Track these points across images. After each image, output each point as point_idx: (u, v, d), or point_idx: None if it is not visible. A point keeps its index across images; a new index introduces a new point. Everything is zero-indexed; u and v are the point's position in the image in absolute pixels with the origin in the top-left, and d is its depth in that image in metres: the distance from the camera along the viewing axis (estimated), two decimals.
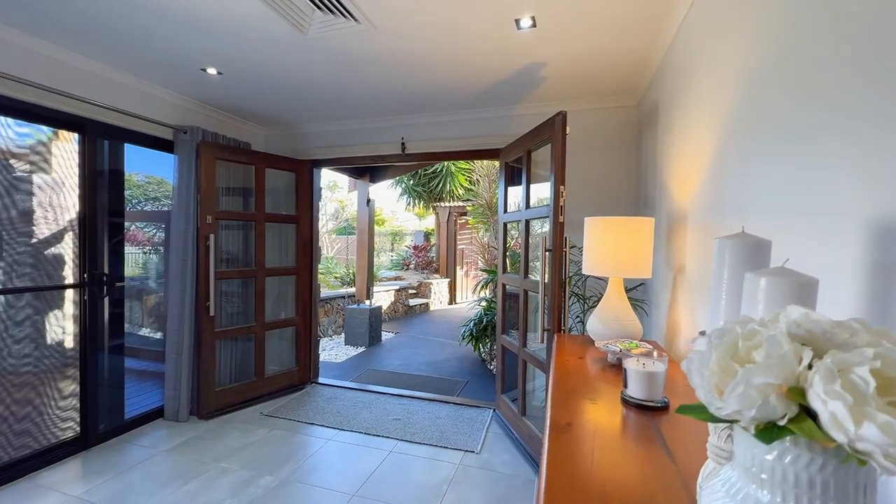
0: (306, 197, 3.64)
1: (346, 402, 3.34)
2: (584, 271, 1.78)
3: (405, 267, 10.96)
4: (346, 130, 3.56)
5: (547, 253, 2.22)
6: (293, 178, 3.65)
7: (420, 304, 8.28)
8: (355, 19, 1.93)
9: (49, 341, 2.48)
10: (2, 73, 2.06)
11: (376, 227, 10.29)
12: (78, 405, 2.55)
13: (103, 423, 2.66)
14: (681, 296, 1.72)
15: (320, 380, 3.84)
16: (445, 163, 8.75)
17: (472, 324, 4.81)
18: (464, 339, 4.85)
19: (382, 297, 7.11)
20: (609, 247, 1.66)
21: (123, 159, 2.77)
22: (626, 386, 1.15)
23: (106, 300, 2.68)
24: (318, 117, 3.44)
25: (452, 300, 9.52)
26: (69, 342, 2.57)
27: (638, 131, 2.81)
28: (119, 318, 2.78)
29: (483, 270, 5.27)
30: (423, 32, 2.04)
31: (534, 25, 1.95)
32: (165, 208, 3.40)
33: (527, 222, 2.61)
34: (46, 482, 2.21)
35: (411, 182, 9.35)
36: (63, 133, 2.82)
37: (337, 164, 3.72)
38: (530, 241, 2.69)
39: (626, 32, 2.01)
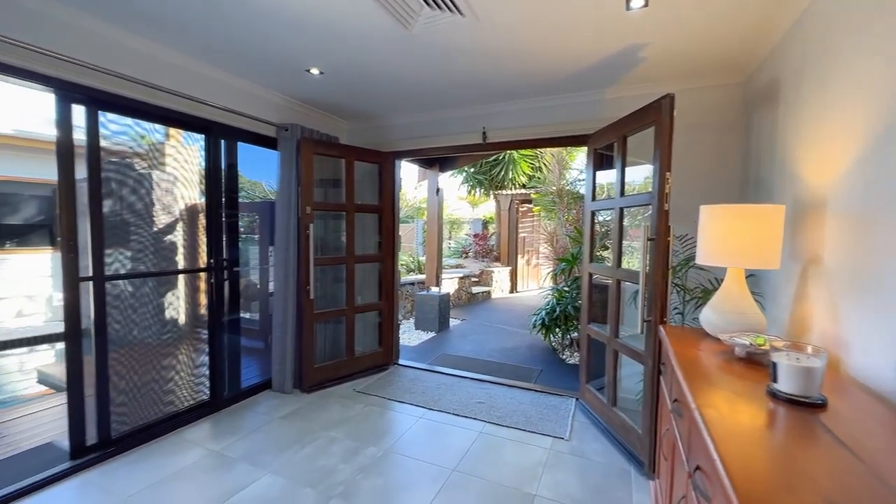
0: (389, 187, 3.80)
1: (428, 383, 3.51)
2: (699, 261, 1.72)
3: (464, 255, 11.06)
4: (426, 122, 3.65)
5: (649, 242, 2.15)
6: (374, 170, 3.82)
7: (482, 292, 8.36)
8: (461, 13, 1.97)
9: (184, 317, 2.86)
10: (146, 81, 2.36)
11: (426, 216, 10.47)
12: (208, 373, 2.93)
13: (227, 390, 3.03)
14: (813, 290, 1.60)
15: (401, 361, 4.05)
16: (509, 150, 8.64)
17: (542, 313, 4.79)
18: (534, 327, 4.85)
19: (447, 285, 7.26)
20: (730, 235, 1.59)
21: (237, 157, 3.07)
22: (774, 380, 1.11)
23: (226, 283, 3.02)
24: (400, 110, 3.56)
25: (514, 289, 9.48)
26: (199, 318, 2.94)
27: (745, 110, 2.60)
28: (235, 298, 3.13)
29: (559, 259, 5.20)
30: (524, 20, 2.04)
31: (645, 5, 1.87)
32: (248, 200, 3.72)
33: (621, 210, 2.54)
34: (190, 437, 2.58)
35: (472, 170, 9.36)
36: (175, 134, 3.19)
37: (417, 155, 3.84)
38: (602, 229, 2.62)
39: (744, 5, 1.87)
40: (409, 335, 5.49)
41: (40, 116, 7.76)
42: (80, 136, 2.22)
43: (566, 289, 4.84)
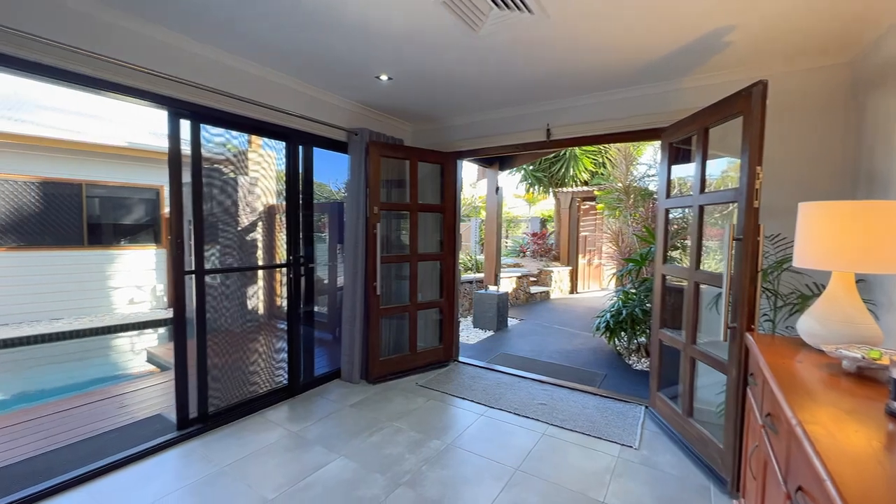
0: (451, 187, 3.87)
1: (488, 381, 3.52)
2: (797, 264, 1.56)
3: (521, 254, 10.91)
4: (488, 121, 3.66)
5: (734, 242, 1.99)
6: (436, 170, 3.90)
7: (540, 292, 8.19)
8: (529, 10, 1.96)
9: (266, 308, 3.14)
10: (237, 95, 2.62)
11: (484, 215, 10.43)
12: (286, 360, 3.19)
13: (302, 377, 3.28)
14: None
15: (460, 358, 4.11)
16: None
17: (607, 315, 4.59)
18: (598, 330, 4.67)
19: (504, 284, 7.21)
20: (840, 236, 1.42)
21: (313, 161, 3.30)
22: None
23: (302, 279, 3.26)
24: (463, 110, 3.60)
25: (574, 289, 9.18)
26: (279, 310, 3.21)
27: (852, 95, 2.30)
28: (310, 292, 3.37)
29: (626, 260, 4.96)
30: (597, 11, 1.97)
31: None
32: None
33: (700, 208, 2.37)
34: (272, 418, 2.83)
35: (531, 168, 9.19)
36: (256, 141, 3.48)
37: (479, 154, 3.86)
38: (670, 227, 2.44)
39: None
40: (468, 333, 5.54)
41: (144, 129, 8.88)
42: (182, 146, 2.52)
43: (633, 291, 4.60)
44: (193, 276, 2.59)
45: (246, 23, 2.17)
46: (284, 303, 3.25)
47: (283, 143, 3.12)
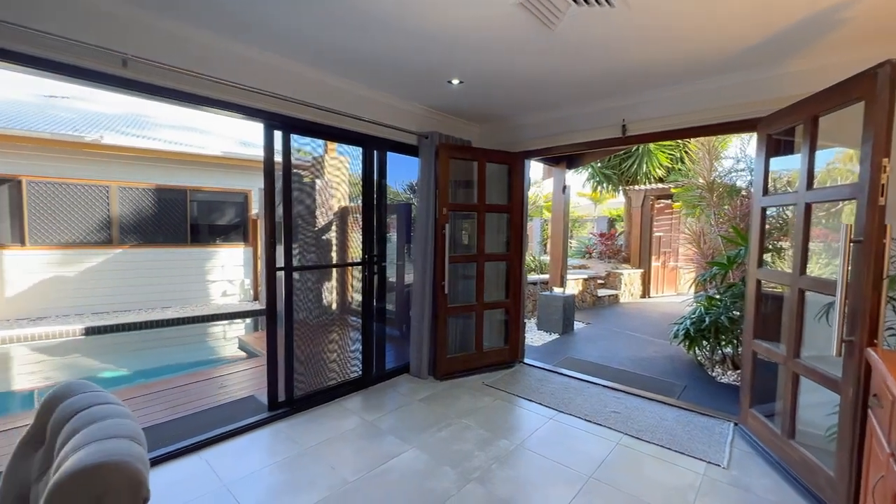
0: (518, 187, 3.84)
1: (556, 385, 3.45)
2: None
3: (586, 255, 10.48)
4: (558, 118, 3.58)
5: (851, 244, 1.76)
6: (503, 170, 3.89)
7: (609, 296, 7.80)
8: (609, 3, 1.89)
9: (343, 303, 3.35)
10: (321, 105, 2.83)
11: (547, 214, 10.13)
12: (360, 353, 3.38)
13: (374, 370, 3.46)
14: None
15: (526, 360, 4.06)
16: None
17: (687, 322, 4.26)
18: (675, 338, 4.35)
19: (570, 286, 6.98)
20: None
21: (386, 165, 3.46)
22: None
23: (375, 276, 3.43)
24: (532, 109, 3.55)
25: (646, 293, 8.63)
26: (354, 305, 3.42)
27: None
28: (382, 290, 3.53)
29: (710, 263, 4.57)
30: None
31: None
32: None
33: (807, 206, 2.12)
34: (348, 406, 3.02)
35: (599, 165, 8.79)
36: (331, 148, 3.70)
37: (548, 153, 3.78)
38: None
39: None
40: (532, 335, 5.45)
41: (235, 139, 9.87)
42: (269, 154, 2.78)
43: (718, 296, 4.22)
44: (283, 272, 2.85)
45: (332, 40, 2.34)
46: (357, 299, 3.45)
47: (359, 149, 3.31)
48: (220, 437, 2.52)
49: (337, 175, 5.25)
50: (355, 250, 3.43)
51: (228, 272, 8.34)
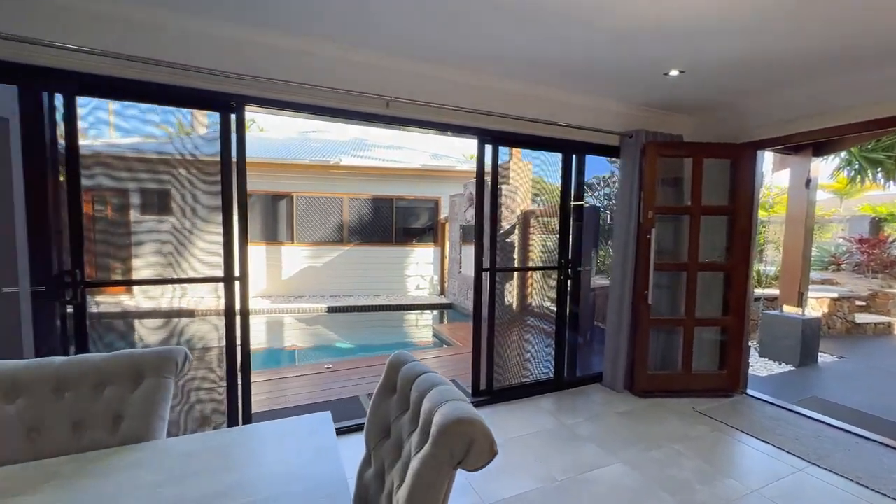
0: (745, 185, 3.24)
1: (801, 429, 2.77)
2: None
3: (832, 266, 8.03)
4: (803, 97, 2.86)
5: None
6: (720, 166, 3.33)
7: (875, 324, 5.79)
8: None
9: (537, 305, 3.46)
10: (520, 116, 2.97)
11: (770, 215, 8.05)
12: (552, 355, 3.43)
13: (565, 374, 3.46)
14: None
15: (749, 391, 3.39)
16: None
17: None
18: None
19: (810, 305, 5.46)
20: None
21: (584, 169, 3.42)
22: None
23: (569, 281, 3.43)
24: (766, 89, 2.93)
25: None
26: (548, 308, 3.49)
27: None
28: (576, 295, 3.50)
29: None
30: None
31: None
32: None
33: None
34: (542, 406, 3.11)
35: (862, 147, 6.60)
36: (516, 154, 3.78)
37: (789, 142, 3.07)
38: None
39: None
40: (752, 361, 4.50)
41: (428, 153, 11.26)
42: (480, 165, 3.07)
43: None
44: (488, 272, 3.13)
45: (544, 54, 2.45)
46: (548, 302, 3.51)
47: (541, 152, 3.37)
48: None
49: (522, 180, 5.45)
50: (543, 254, 3.50)
51: (421, 268, 9.62)
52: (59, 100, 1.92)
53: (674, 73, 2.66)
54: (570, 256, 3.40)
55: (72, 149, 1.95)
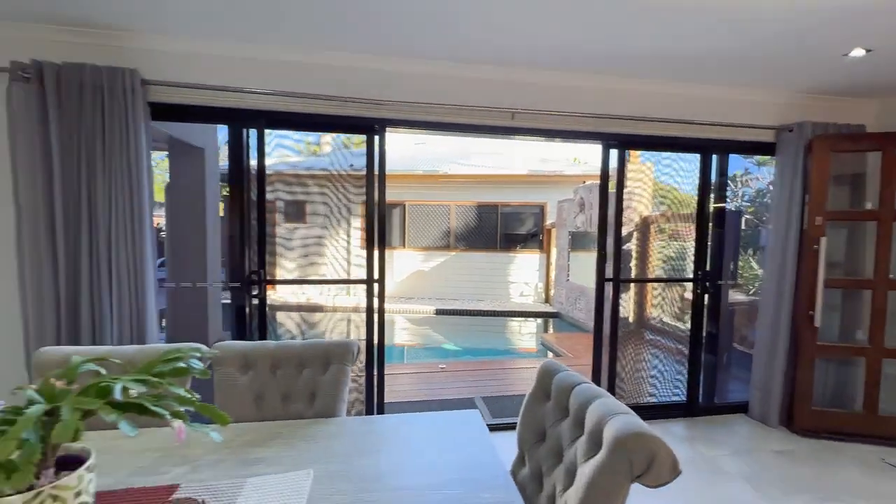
0: None
1: None
2: None
3: None
4: None
5: None
6: None
7: None
8: None
9: (669, 320, 3.17)
10: (650, 117, 2.76)
11: None
12: (685, 377, 3.10)
13: (700, 399, 3.10)
14: None
15: None
16: None
17: None
18: None
19: None
20: None
21: (727, 170, 3.05)
22: None
23: (706, 296, 3.07)
24: None
25: None
26: (678, 323, 3.18)
27: None
28: (715, 312, 3.12)
29: None
30: None
31: None
32: None
33: None
34: (673, 430, 2.84)
35: None
36: (634, 154, 3.47)
37: None
38: None
39: None
40: None
41: (536, 158, 11.10)
42: (604, 170, 2.93)
43: None
44: (611, 283, 2.98)
45: (684, 51, 2.25)
46: (670, 317, 3.18)
47: (656, 153, 3.06)
48: None
49: (641, 184, 5.05)
50: (665, 263, 3.18)
51: (525, 275, 9.51)
52: (253, 134, 2.39)
53: (857, 52, 2.23)
54: (707, 268, 3.05)
55: (260, 171, 2.41)
